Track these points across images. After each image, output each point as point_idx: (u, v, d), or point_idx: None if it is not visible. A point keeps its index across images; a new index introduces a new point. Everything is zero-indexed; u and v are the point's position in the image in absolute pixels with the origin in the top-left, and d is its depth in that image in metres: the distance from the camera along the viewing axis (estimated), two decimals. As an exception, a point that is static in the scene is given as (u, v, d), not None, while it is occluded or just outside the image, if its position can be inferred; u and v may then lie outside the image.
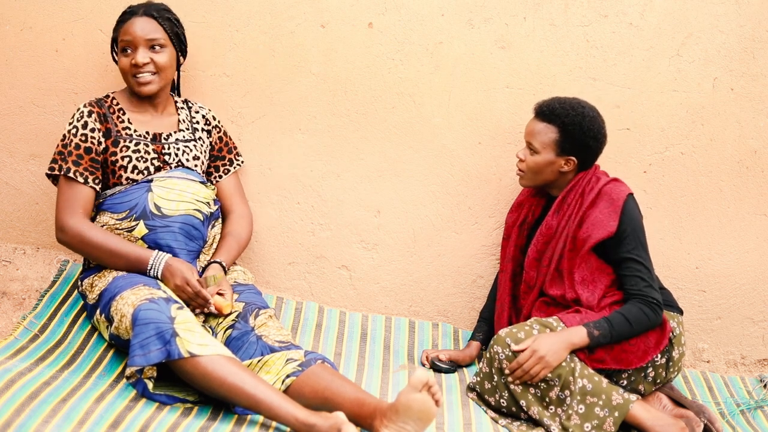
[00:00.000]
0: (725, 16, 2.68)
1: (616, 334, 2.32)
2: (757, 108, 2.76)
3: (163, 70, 2.40)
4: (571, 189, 2.47)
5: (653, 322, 2.35)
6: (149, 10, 2.41)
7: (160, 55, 2.39)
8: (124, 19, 2.40)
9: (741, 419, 2.63)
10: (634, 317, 2.33)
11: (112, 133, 2.39)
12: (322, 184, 2.83)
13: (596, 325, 2.32)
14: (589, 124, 2.42)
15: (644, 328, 2.35)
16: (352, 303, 2.93)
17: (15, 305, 2.46)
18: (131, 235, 2.34)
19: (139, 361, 1.98)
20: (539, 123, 2.45)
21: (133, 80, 2.38)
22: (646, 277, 2.37)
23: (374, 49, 2.72)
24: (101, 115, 2.39)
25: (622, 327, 2.33)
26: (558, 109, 2.43)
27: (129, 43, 2.37)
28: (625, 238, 2.38)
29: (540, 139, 2.44)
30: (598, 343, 2.32)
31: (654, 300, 2.35)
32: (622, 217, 2.38)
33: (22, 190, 2.79)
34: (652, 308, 2.34)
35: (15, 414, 1.72)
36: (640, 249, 2.39)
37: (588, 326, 2.32)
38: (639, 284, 2.37)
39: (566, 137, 2.42)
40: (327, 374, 2.10)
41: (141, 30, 2.37)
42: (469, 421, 2.30)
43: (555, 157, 2.44)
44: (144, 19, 2.38)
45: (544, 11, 2.69)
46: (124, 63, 2.38)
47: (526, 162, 2.48)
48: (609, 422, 2.27)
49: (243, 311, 2.32)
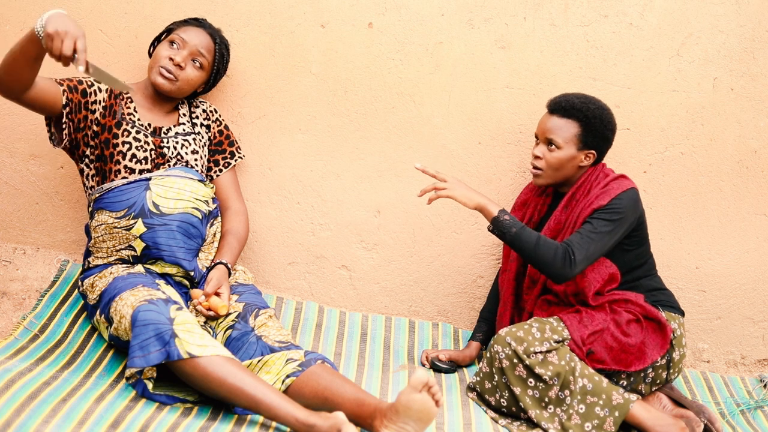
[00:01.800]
0: (725, 16, 2.68)
1: (518, 239, 2.31)
2: (757, 108, 2.76)
3: (187, 82, 2.43)
4: (581, 185, 2.46)
5: (553, 265, 2.29)
6: (214, 33, 2.50)
7: (193, 71, 2.44)
8: (191, 23, 2.48)
9: (741, 419, 2.63)
10: (543, 245, 2.30)
11: (118, 114, 2.40)
12: (322, 184, 2.83)
13: (511, 217, 2.33)
14: (607, 116, 2.43)
15: (542, 261, 2.30)
16: (352, 303, 2.93)
17: (15, 305, 2.46)
18: (129, 233, 2.34)
19: (138, 362, 1.98)
20: (559, 119, 2.43)
21: (158, 69, 2.40)
22: (585, 241, 2.31)
23: (374, 49, 2.72)
24: (112, 92, 2.42)
25: (527, 239, 2.30)
26: (577, 104, 2.42)
27: (181, 41, 2.42)
28: (605, 210, 2.36)
29: (562, 134, 2.41)
30: (500, 228, 2.32)
31: (572, 255, 2.29)
32: (614, 199, 2.37)
33: (22, 190, 2.79)
34: (564, 257, 2.29)
35: (15, 414, 1.72)
36: (608, 225, 2.34)
37: (505, 211, 2.34)
38: (575, 237, 2.33)
39: (588, 131, 2.41)
40: (327, 374, 2.10)
41: (198, 39, 2.44)
42: (469, 421, 2.30)
43: (577, 151, 2.43)
44: (207, 36, 2.46)
45: (544, 11, 2.69)
46: (163, 52, 2.41)
47: (545, 159, 2.45)
48: (609, 422, 2.27)
49: (243, 311, 2.32)
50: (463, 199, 2.34)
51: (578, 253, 2.30)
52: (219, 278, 2.37)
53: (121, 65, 2.69)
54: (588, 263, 2.33)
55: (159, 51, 2.43)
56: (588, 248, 2.31)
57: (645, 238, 2.48)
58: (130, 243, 2.35)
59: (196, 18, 2.53)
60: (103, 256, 2.39)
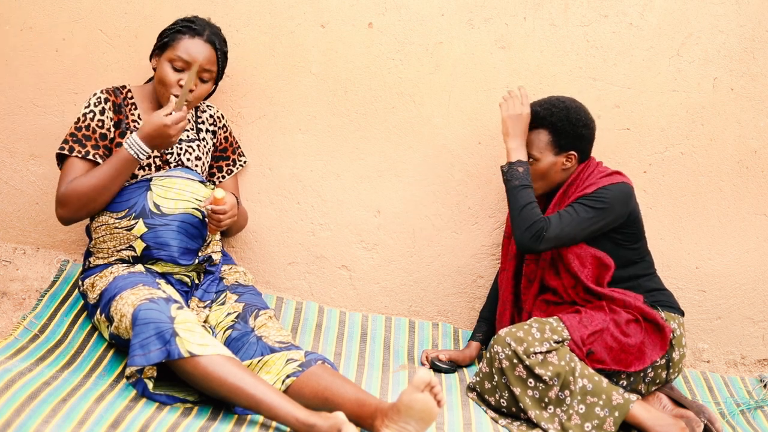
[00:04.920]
0: (725, 16, 2.69)
1: (513, 193, 2.41)
2: (757, 108, 2.76)
3: (198, 99, 2.42)
4: (573, 182, 2.48)
5: (523, 235, 2.36)
6: (212, 38, 2.40)
7: (204, 86, 2.41)
8: (187, 33, 2.37)
9: (741, 419, 2.63)
10: (527, 212, 2.37)
11: (122, 124, 2.40)
12: (322, 184, 2.83)
13: (525, 170, 2.42)
14: (575, 115, 2.44)
15: (518, 224, 2.38)
16: (352, 303, 2.93)
17: (15, 305, 2.45)
18: (130, 233, 2.34)
19: (139, 361, 1.98)
20: (529, 132, 2.48)
21: (170, 95, 2.35)
22: (561, 222, 2.36)
23: (374, 49, 2.72)
24: (116, 104, 2.40)
25: (519, 199, 2.39)
26: (541, 112, 2.46)
27: (185, 63, 2.34)
28: (589, 197, 2.38)
29: (536, 146, 2.47)
30: (507, 175, 2.43)
31: (544, 232, 2.34)
32: (601, 188, 2.38)
33: (22, 190, 2.79)
34: (537, 231, 2.34)
35: (15, 414, 1.72)
36: (589, 211, 2.37)
37: (522, 162, 2.42)
38: (554, 217, 2.37)
39: (559, 134, 2.44)
40: (327, 374, 2.09)
41: (202, 55, 2.36)
42: (469, 421, 2.30)
43: (555, 157, 2.46)
44: (208, 47, 2.38)
45: (544, 11, 2.69)
46: (171, 77, 2.34)
47: (531, 173, 2.49)
48: (609, 422, 2.27)
49: (243, 312, 2.32)
50: (505, 130, 2.45)
51: (550, 231, 2.35)
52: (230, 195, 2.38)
53: (121, 65, 2.69)
54: (559, 243, 2.38)
55: (164, 73, 2.35)
56: (562, 228, 2.36)
57: (640, 235, 2.48)
58: (130, 243, 2.35)
59: (189, 22, 2.41)
60: (104, 256, 2.39)
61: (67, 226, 2.43)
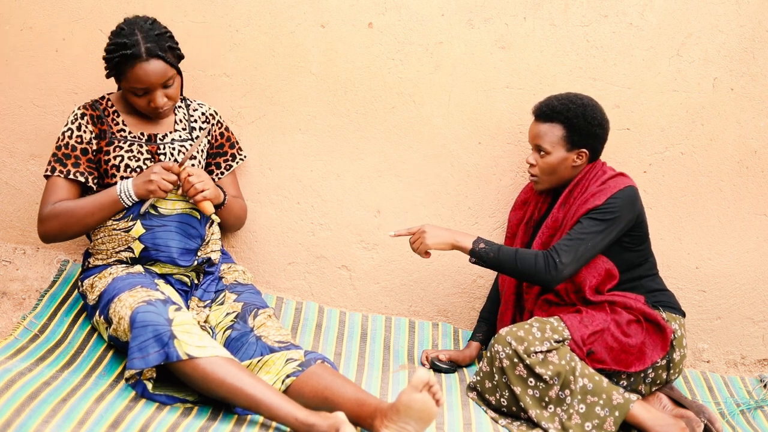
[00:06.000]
0: (725, 16, 2.68)
1: (498, 261, 2.36)
2: (757, 108, 2.76)
3: (176, 97, 2.40)
4: (578, 182, 2.47)
5: (537, 274, 2.33)
6: (153, 50, 2.26)
7: (172, 88, 2.36)
8: (129, 62, 2.26)
9: (741, 419, 2.63)
10: (522, 258, 2.34)
11: (107, 134, 2.39)
12: (322, 184, 2.83)
13: (486, 242, 2.38)
14: (591, 113, 2.43)
15: (525, 272, 2.34)
16: (352, 303, 2.93)
17: (15, 305, 2.45)
18: (128, 235, 2.34)
19: (137, 364, 1.98)
20: (542, 124, 2.46)
21: (151, 113, 2.37)
22: (573, 243, 2.33)
23: (374, 49, 2.72)
24: (95, 117, 2.39)
25: (506, 257, 2.35)
26: (558, 106, 2.43)
27: (143, 89, 2.30)
28: (599, 210, 2.37)
29: (548, 139, 2.44)
30: (479, 256, 2.37)
31: (556, 260, 2.31)
32: (610, 198, 2.37)
33: (22, 190, 2.79)
34: (546, 263, 2.32)
35: (15, 414, 1.72)
36: (599, 225, 2.35)
37: (479, 239, 2.38)
38: (563, 241, 2.35)
39: (573, 131, 2.42)
40: (327, 374, 2.09)
41: (154, 76, 2.27)
42: (469, 421, 2.30)
43: (566, 153, 2.44)
44: (153, 63, 2.26)
45: (544, 11, 2.69)
46: (141, 104, 2.34)
47: (538, 166, 2.48)
48: (609, 422, 2.27)
49: (242, 312, 2.32)
50: (438, 248, 2.41)
51: (564, 256, 2.32)
52: None
53: (121, 65, 2.69)
54: (579, 264, 2.35)
55: (133, 101, 2.34)
56: (577, 249, 2.33)
57: (645, 237, 2.48)
58: (129, 245, 2.35)
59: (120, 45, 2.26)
60: (103, 257, 2.39)
61: (47, 244, 2.44)
